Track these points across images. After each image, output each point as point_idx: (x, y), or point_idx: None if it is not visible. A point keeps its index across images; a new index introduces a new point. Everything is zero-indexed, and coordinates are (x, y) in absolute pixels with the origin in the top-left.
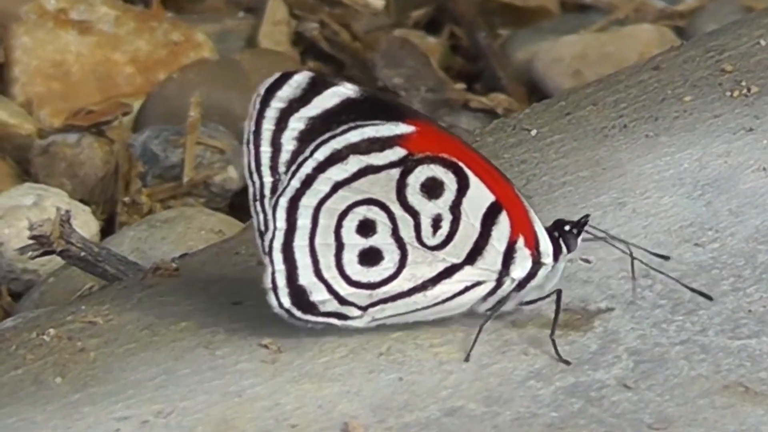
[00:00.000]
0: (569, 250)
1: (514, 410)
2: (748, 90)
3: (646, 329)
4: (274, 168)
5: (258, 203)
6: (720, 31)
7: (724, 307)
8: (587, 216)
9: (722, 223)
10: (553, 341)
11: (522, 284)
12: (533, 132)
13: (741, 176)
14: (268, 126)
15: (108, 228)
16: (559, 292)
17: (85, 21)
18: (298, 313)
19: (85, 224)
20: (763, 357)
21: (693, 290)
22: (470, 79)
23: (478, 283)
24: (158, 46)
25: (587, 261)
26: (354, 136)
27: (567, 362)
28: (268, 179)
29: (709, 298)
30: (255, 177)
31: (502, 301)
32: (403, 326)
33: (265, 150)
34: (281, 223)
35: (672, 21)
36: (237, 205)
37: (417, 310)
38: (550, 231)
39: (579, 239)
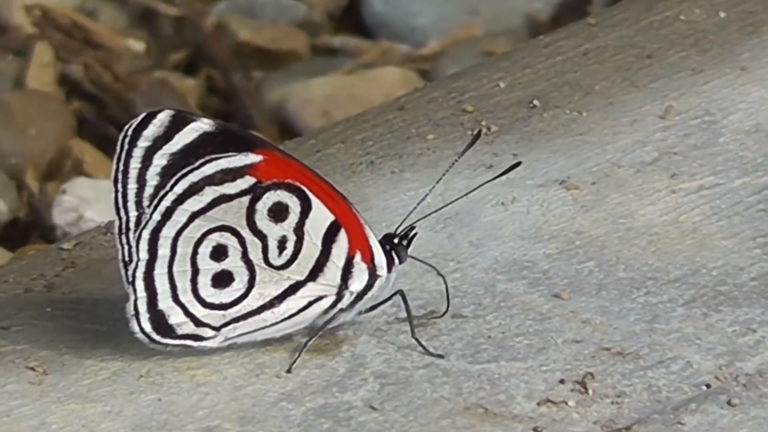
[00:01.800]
0: (401, 261)
1: (267, 430)
2: (488, 129)
3: (391, 353)
4: (139, 203)
5: (123, 236)
6: (461, 73)
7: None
8: (413, 227)
9: (464, 254)
10: (417, 340)
11: (360, 296)
12: None
13: (481, 210)
14: (135, 165)
15: None
16: (402, 293)
17: None
18: (157, 337)
19: None
20: (501, 380)
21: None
22: (225, 118)
23: (320, 298)
24: None
25: None
26: (209, 169)
27: (440, 356)
28: (133, 213)
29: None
30: (122, 212)
31: (337, 315)
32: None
33: (132, 187)
34: (144, 254)
35: (416, 64)
36: (6, 236)
37: (266, 327)
38: (382, 244)
39: (408, 250)
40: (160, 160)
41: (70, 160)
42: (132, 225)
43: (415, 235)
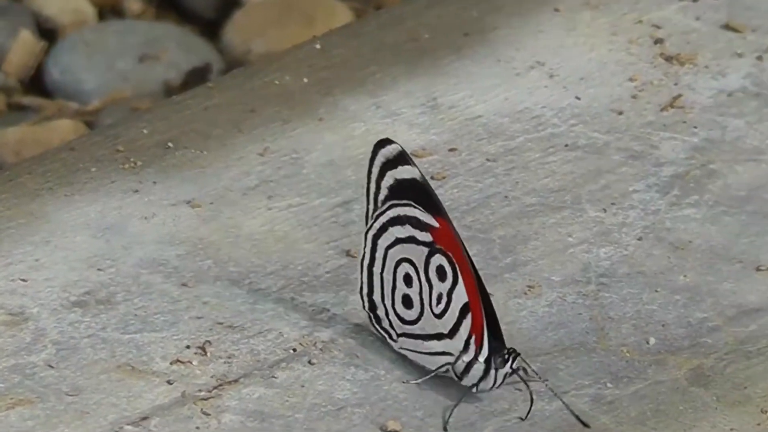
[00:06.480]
0: (496, 369)
1: None
2: (135, 164)
3: (64, 327)
4: (375, 201)
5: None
6: (116, 123)
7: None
8: (518, 354)
9: (117, 254)
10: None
11: (467, 368)
12: None
13: (129, 222)
14: (374, 171)
15: None
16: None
17: None
18: (370, 314)
19: None
20: (145, 346)
21: (577, 418)
22: None
23: (447, 353)
24: None
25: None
26: (410, 211)
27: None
28: (371, 206)
29: (586, 425)
30: (371, 203)
31: (453, 372)
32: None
33: (372, 187)
34: (368, 249)
35: (83, 117)
36: None
37: (416, 352)
38: (497, 348)
39: (508, 364)
40: (388, 179)
41: None
42: (371, 214)
43: (516, 358)
